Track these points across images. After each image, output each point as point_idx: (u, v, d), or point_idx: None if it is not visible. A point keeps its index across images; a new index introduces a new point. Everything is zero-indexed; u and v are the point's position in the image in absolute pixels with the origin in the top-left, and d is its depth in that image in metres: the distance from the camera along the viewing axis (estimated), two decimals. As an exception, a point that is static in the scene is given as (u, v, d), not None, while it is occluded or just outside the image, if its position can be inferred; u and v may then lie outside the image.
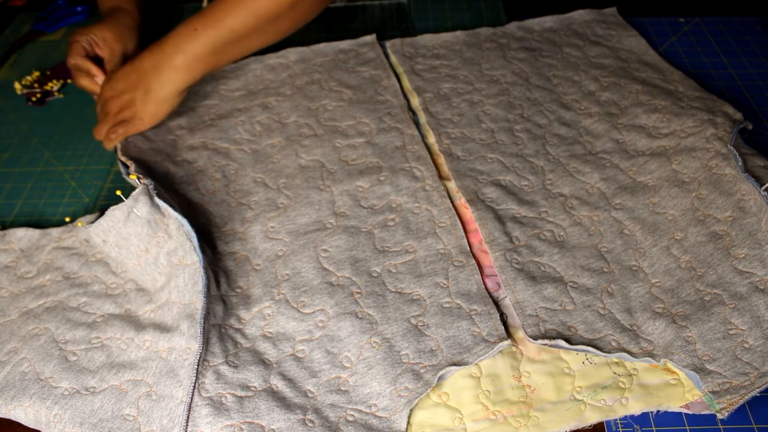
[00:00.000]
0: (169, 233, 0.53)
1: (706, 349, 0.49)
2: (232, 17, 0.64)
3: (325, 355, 0.50)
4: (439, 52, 0.81)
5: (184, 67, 0.65)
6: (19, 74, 0.83)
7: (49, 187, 0.68)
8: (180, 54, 0.65)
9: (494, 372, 0.50)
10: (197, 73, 0.67)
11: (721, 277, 0.54)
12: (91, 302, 0.55)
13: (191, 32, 0.65)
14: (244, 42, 0.67)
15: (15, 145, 0.73)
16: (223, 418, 0.46)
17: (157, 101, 0.67)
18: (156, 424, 0.47)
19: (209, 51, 0.65)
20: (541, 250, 0.58)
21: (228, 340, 0.51)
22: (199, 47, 0.65)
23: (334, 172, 0.65)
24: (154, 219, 0.53)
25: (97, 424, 0.47)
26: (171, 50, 0.65)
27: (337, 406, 0.47)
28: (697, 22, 0.86)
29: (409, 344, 0.50)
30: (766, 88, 0.76)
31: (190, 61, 0.65)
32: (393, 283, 0.55)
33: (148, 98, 0.66)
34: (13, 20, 0.94)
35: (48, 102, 0.79)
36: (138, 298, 0.54)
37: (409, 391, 0.47)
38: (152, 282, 0.54)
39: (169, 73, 0.65)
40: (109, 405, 0.48)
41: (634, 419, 0.48)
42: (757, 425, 0.47)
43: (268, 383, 0.49)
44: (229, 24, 0.65)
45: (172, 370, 0.49)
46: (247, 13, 0.64)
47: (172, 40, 0.65)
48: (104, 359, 0.51)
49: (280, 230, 0.60)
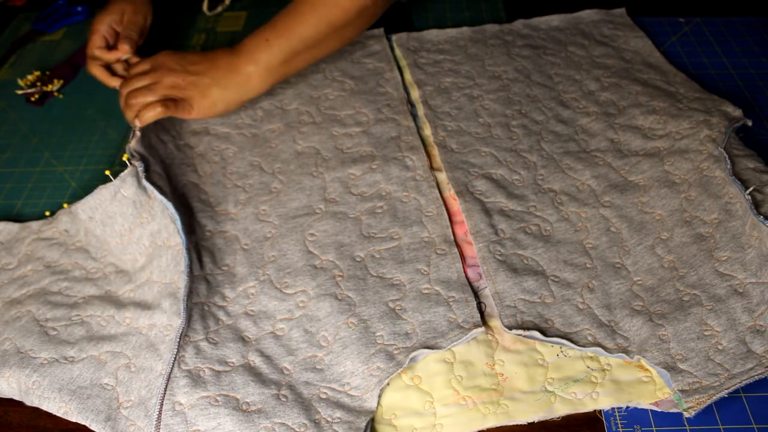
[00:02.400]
0: (153, 215, 0.55)
1: (680, 349, 0.50)
2: (304, 26, 0.65)
3: (303, 334, 0.52)
4: (443, 47, 0.81)
5: (256, 77, 0.66)
6: (19, 74, 0.83)
7: (49, 187, 0.68)
8: (253, 63, 0.65)
9: (468, 359, 0.51)
10: (266, 85, 0.67)
11: (702, 279, 0.54)
12: (72, 286, 0.56)
13: (263, 42, 0.65)
14: (313, 51, 0.68)
15: (15, 145, 0.73)
16: (200, 389, 0.48)
17: (215, 99, 0.65)
18: (134, 395, 0.48)
19: (280, 61, 0.66)
20: (526, 243, 0.58)
21: (210, 318, 0.53)
22: (272, 57, 0.65)
23: (329, 159, 0.66)
24: (139, 200, 0.55)
25: (75, 391, 0.48)
26: (245, 58, 0.65)
27: (311, 384, 0.49)
28: (697, 22, 0.86)
29: (385, 326, 0.51)
30: (766, 88, 0.75)
31: (262, 72, 0.66)
32: (375, 268, 0.56)
33: (210, 91, 0.65)
34: (13, 20, 0.94)
35: (48, 102, 0.79)
36: (117, 280, 0.56)
37: (381, 371, 0.49)
38: (132, 262, 0.56)
39: (239, 78, 0.66)
40: (87, 374, 0.49)
41: (635, 419, 0.48)
42: (758, 425, 0.47)
43: (246, 359, 0.50)
44: (300, 33, 0.65)
45: (152, 345, 0.50)
46: (318, 21, 0.65)
47: (245, 48, 0.66)
48: (84, 333, 0.52)
49: (271, 213, 0.61)
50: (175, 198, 0.60)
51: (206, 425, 0.46)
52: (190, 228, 0.59)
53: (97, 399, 0.48)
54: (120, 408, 0.48)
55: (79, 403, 0.48)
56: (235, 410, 0.46)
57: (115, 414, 0.48)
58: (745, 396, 0.49)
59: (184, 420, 0.46)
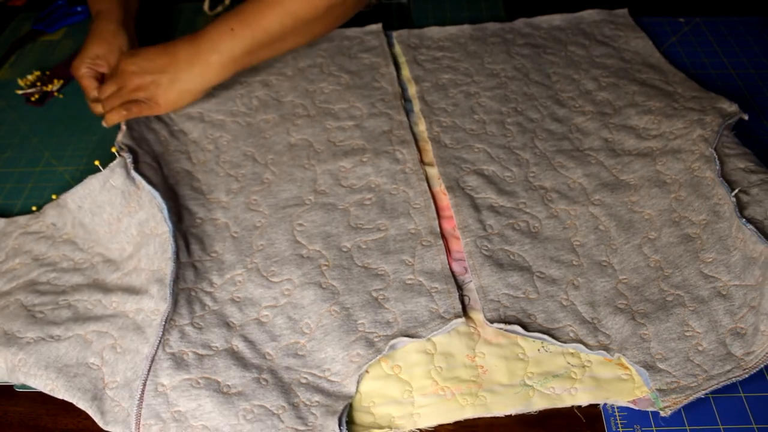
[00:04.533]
0: (141, 204, 0.56)
1: (660, 348, 0.50)
2: (269, 18, 0.65)
3: (287, 321, 0.53)
4: (443, 44, 0.82)
5: (219, 66, 0.66)
6: (19, 74, 0.83)
7: (49, 187, 0.67)
8: (215, 53, 0.65)
9: (449, 350, 0.51)
10: (228, 74, 0.67)
11: (687, 280, 0.54)
12: (60, 276, 0.56)
13: (228, 32, 0.65)
14: (278, 44, 0.67)
15: (15, 145, 0.73)
16: (183, 372, 0.49)
17: (180, 92, 0.67)
18: (120, 376, 0.49)
19: (244, 51, 0.65)
20: (513, 239, 0.58)
21: (196, 303, 0.54)
22: (236, 47, 0.65)
23: (321, 151, 0.67)
24: (128, 190, 0.56)
25: (62, 369, 0.49)
26: (207, 47, 0.65)
27: (293, 369, 0.50)
28: (697, 22, 0.85)
29: (367, 314, 0.52)
30: (766, 87, 0.75)
31: (225, 61, 0.66)
32: (361, 258, 0.57)
33: (172, 86, 0.66)
34: (13, 20, 0.93)
35: (48, 102, 0.79)
36: (105, 269, 0.56)
37: (361, 357, 0.49)
38: (120, 251, 0.57)
39: (201, 69, 0.66)
40: (73, 352, 0.50)
41: (635, 419, 0.48)
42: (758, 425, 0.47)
43: (230, 344, 0.51)
44: (266, 25, 0.65)
45: (139, 328, 0.51)
46: (284, 14, 0.65)
47: (208, 36, 0.65)
48: (70, 315, 0.53)
49: (262, 203, 0.62)
50: (165, 187, 0.61)
51: (187, 406, 0.47)
52: (179, 216, 0.60)
53: (83, 378, 0.49)
54: (106, 388, 0.49)
55: (66, 381, 0.49)
56: (216, 392, 0.47)
57: (101, 394, 0.48)
58: (745, 396, 0.49)
59: (166, 401, 0.47)
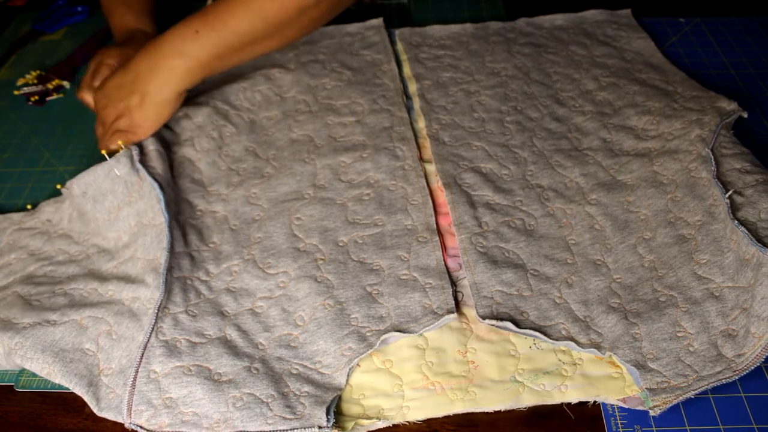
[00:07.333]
0: (142, 194, 0.57)
1: (651, 348, 0.50)
2: (237, 20, 0.60)
3: (281, 312, 0.53)
4: (445, 43, 0.82)
5: (185, 69, 0.61)
6: (19, 74, 0.83)
7: (49, 187, 0.67)
8: (179, 57, 0.61)
9: (440, 346, 0.52)
10: (198, 77, 0.63)
11: (680, 280, 0.54)
12: (56, 268, 0.57)
13: (192, 34, 0.60)
14: (250, 47, 0.63)
15: (15, 145, 0.73)
16: (175, 359, 0.49)
17: (155, 106, 0.62)
18: (115, 363, 0.50)
19: (213, 55, 0.61)
20: (509, 236, 0.59)
21: (191, 291, 0.54)
22: (201, 50, 0.61)
23: (321, 147, 0.68)
24: (131, 180, 0.57)
25: (58, 353, 0.50)
26: (169, 52, 0.61)
27: (284, 360, 0.50)
28: (697, 22, 0.85)
29: (361, 309, 0.52)
30: (766, 87, 0.75)
31: (191, 65, 0.61)
32: (357, 252, 0.57)
33: (145, 104, 0.62)
34: (13, 20, 0.94)
35: (48, 102, 0.79)
36: (100, 259, 0.57)
37: (352, 351, 0.50)
38: (116, 240, 0.58)
39: (166, 76, 0.61)
40: (69, 337, 0.51)
41: (635, 419, 0.48)
42: (758, 425, 0.47)
43: (223, 333, 0.52)
44: (234, 27, 0.60)
45: (134, 315, 0.52)
46: (253, 16, 0.60)
47: (168, 40, 0.61)
48: (66, 302, 0.53)
49: (261, 197, 0.63)
50: (167, 178, 0.62)
51: (178, 393, 0.47)
52: (179, 207, 0.61)
53: (79, 363, 0.50)
54: (101, 375, 0.49)
55: (63, 366, 0.49)
56: (207, 380, 0.48)
57: (96, 380, 0.49)
58: (745, 396, 0.49)
59: (158, 387, 0.48)
